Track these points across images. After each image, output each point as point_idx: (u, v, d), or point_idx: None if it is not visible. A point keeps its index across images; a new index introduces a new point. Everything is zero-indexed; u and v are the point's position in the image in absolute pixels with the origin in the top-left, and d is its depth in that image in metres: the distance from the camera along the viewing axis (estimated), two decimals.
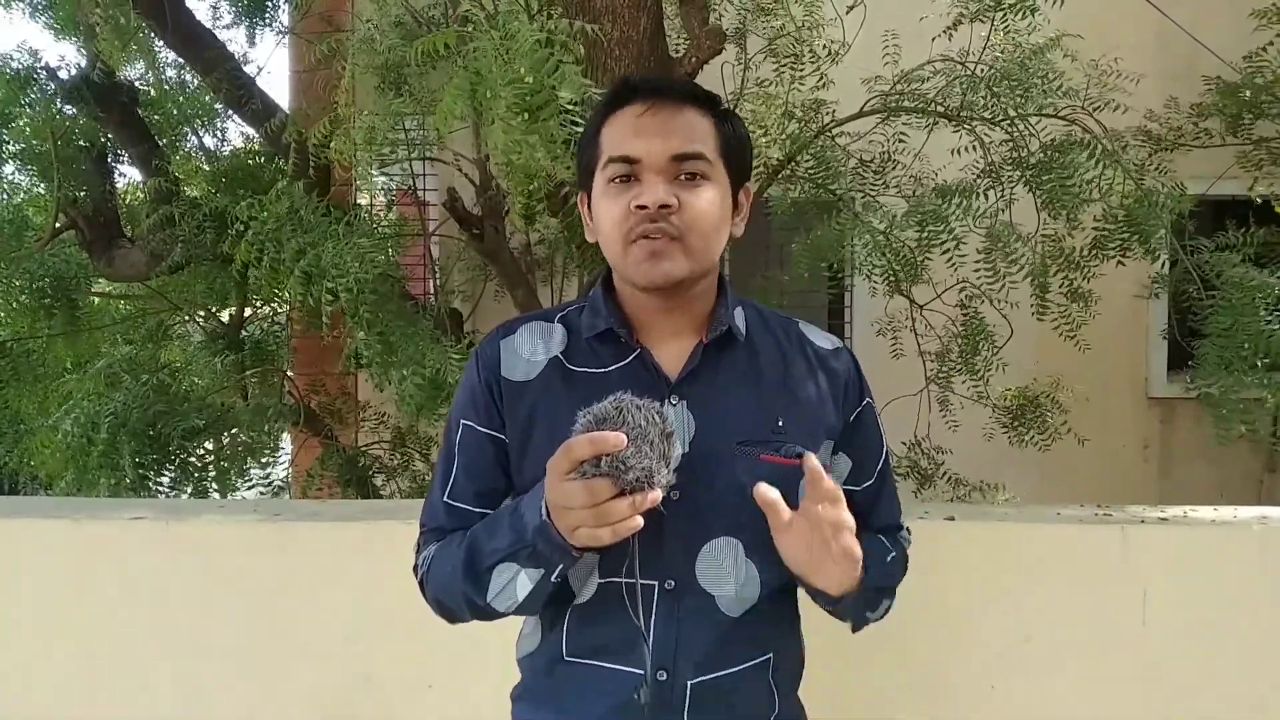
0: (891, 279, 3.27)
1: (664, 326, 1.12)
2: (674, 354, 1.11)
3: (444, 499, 1.13)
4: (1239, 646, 1.99)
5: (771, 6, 3.40)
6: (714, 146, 1.08)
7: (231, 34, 4.64)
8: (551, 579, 0.98)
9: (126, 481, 3.29)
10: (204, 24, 4.26)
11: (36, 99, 4.21)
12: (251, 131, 4.56)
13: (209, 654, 2.05)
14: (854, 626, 1.15)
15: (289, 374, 4.67)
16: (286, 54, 5.10)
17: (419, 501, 1.18)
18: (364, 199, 3.98)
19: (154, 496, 3.43)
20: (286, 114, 3.92)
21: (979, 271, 3.12)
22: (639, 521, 0.89)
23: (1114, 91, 3.16)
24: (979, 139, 3.19)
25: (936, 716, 2.01)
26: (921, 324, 3.58)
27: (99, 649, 2.06)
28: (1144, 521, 2.05)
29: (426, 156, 3.78)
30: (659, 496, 0.89)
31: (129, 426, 3.32)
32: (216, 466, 3.80)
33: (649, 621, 1.05)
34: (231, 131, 5.45)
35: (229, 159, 4.70)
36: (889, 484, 1.22)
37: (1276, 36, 3.72)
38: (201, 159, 4.87)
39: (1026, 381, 3.79)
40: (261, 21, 4.48)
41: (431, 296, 3.96)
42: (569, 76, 1.92)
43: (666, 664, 1.05)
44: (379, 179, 3.78)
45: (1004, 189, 3.20)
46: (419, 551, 1.15)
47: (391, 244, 3.60)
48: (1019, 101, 3.05)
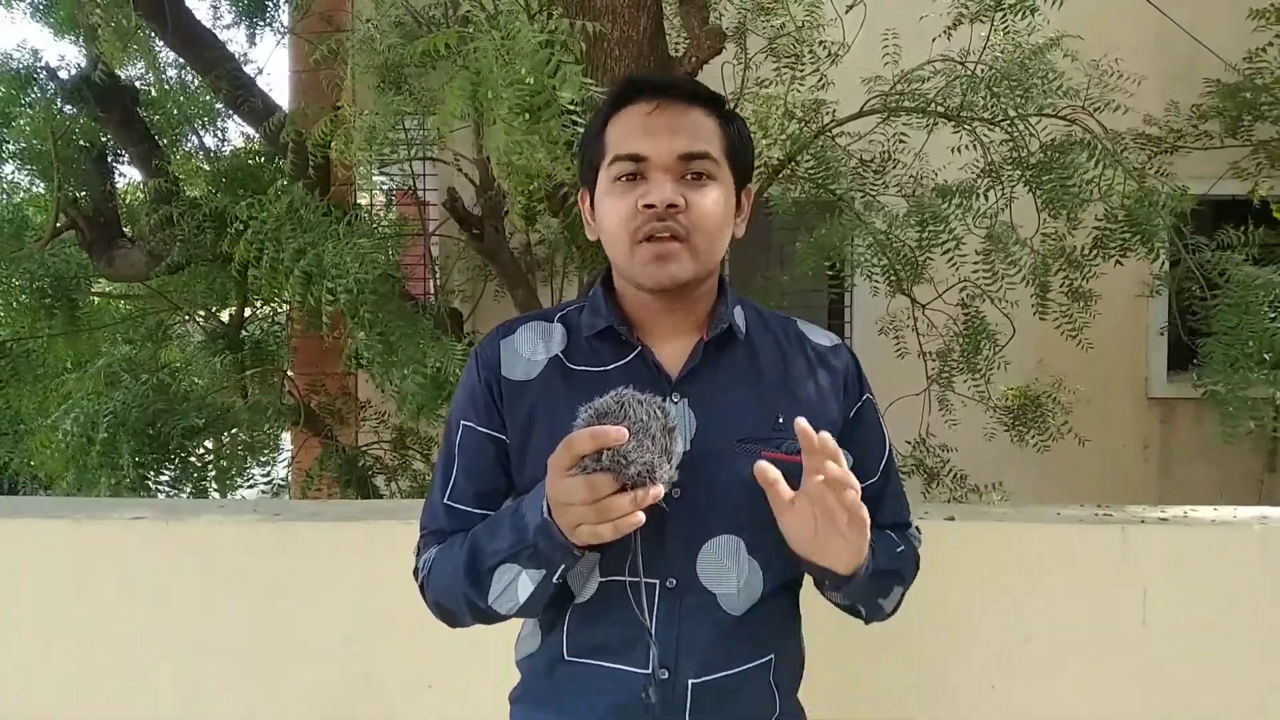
0: (892, 279, 3.27)
1: (664, 325, 1.12)
2: (675, 352, 1.11)
3: (444, 501, 1.12)
4: (1239, 646, 1.99)
5: (771, 6, 3.40)
6: (719, 147, 1.08)
7: (231, 34, 4.65)
8: (553, 580, 0.98)
9: (126, 481, 3.29)
10: (204, 24, 4.26)
11: (37, 99, 4.21)
12: (251, 131, 4.56)
13: (209, 654, 2.05)
14: (867, 618, 1.12)
15: (289, 374, 4.67)
16: (286, 54, 5.10)
17: (419, 501, 1.17)
18: (364, 199, 3.98)
19: (154, 496, 3.43)
20: (286, 113, 3.91)
21: (978, 272, 3.12)
22: (641, 517, 0.88)
23: (1114, 92, 3.17)
24: (979, 139, 3.19)
25: (936, 716, 2.01)
26: (923, 324, 3.58)
27: (99, 649, 2.06)
28: (1144, 521, 2.05)
29: (427, 156, 3.78)
30: (661, 492, 0.88)
31: (128, 426, 3.32)
32: (216, 466, 3.80)
33: (651, 620, 1.04)
34: (231, 131, 5.46)
35: (229, 159, 4.70)
36: (894, 481, 1.21)
37: (1276, 38, 3.72)
38: (202, 159, 4.87)
39: (1027, 381, 3.80)
40: (261, 21, 4.49)
41: (431, 296, 3.96)
42: (570, 77, 1.92)
43: (669, 663, 1.05)
44: (379, 179, 3.78)
45: (1004, 189, 3.20)
46: (419, 555, 1.14)
47: (391, 244, 3.60)
48: (1019, 102, 3.06)
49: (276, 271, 2.83)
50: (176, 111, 4.68)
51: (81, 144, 4.25)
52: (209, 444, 3.83)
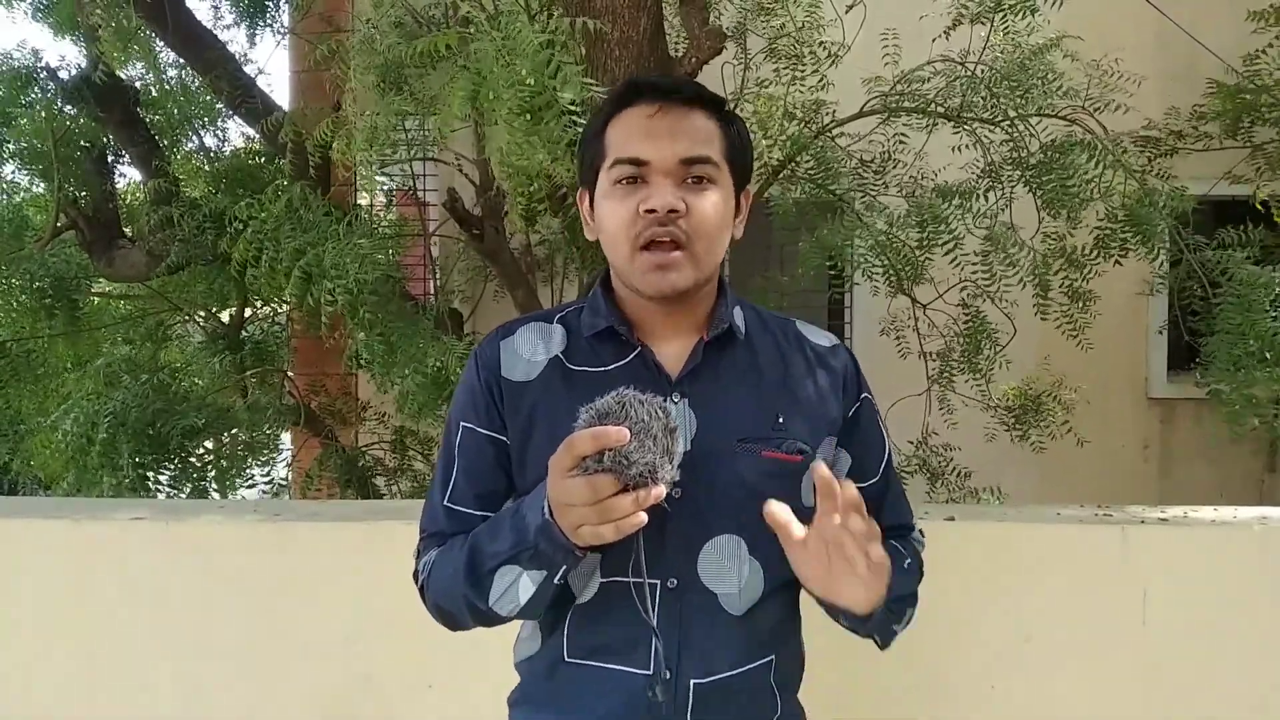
0: (893, 279, 3.27)
1: (664, 326, 1.12)
2: (674, 352, 1.11)
3: (444, 503, 1.11)
4: (1239, 646, 1.99)
5: (771, 6, 3.40)
6: (720, 149, 1.08)
7: (232, 34, 4.65)
8: (554, 580, 0.98)
9: (126, 481, 3.29)
10: (204, 24, 4.26)
11: (37, 99, 4.21)
12: (252, 132, 4.56)
13: (209, 654, 2.05)
14: (882, 644, 1.10)
15: (289, 374, 4.67)
16: (286, 54, 5.10)
17: (419, 502, 1.17)
18: (364, 199, 3.98)
19: (154, 496, 3.43)
20: (285, 113, 3.92)
21: (977, 272, 3.13)
22: (643, 518, 0.88)
23: (1114, 92, 3.17)
24: (979, 139, 3.19)
25: (936, 716, 2.01)
26: (924, 324, 3.58)
27: (99, 649, 2.06)
28: (1144, 521, 2.05)
29: (427, 157, 3.78)
30: (663, 492, 0.88)
31: (128, 426, 3.32)
32: (216, 466, 3.80)
33: (652, 621, 1.04)
34: (232, 132, 5.45)
35: (229, 159, 4.70)
36: (894, 482, 1.21)
37: (1276, 39, 3.72)
38: (202, 159, 4.87)
39: (1028, 381, 3.80)
40: (262, 22, 4.48)
41: (431, 296, 3.96)
42: (570, 78, 1.92)
43: (671, 663, 1.05)
44: (379, 179, 3.78)
45: (1004, 189, 3.20)
46: (419, 558, 1.13)
47: (391, 244, 3.60)
48: (1019, 102, 3.06)
49: (275, 271, 2.83)
50: (177, 112, 4.68)
51: (81, 144, 4.25)
52: (209, 444, 3.83)
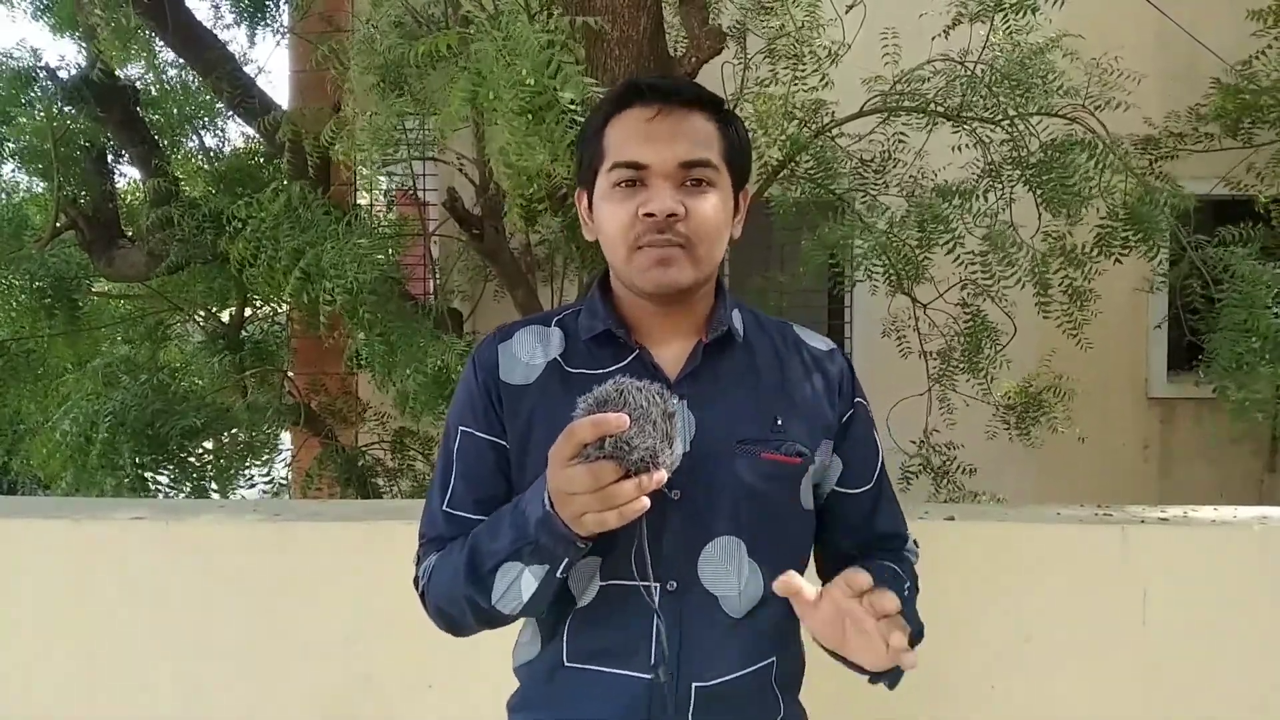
0: (893, 279, 3.27)
1: (662, 328, 1.11)
2: (673, 355, 1.11)
3: (443, 508, 1.11)
4: (1239, 646, 1.99)
5: (771, 6, 3.40)
6: (719, 151, 1.07)
7: (232, 34, 4.64)
8: (557, 574, 0.97)
9: (126, 481, 3.29)
10: (204, 24, 4.26)
11: (37, 98, 4.21)
12: (252, 132, 4.56)
13: (209, 654, 2.05)
14: (891, 685, 1.10)
15: (289, 374, 4.67)
16: (286, 54, 5.10)
17: (419, 502, 1.17)
18: (364, 199, 3.98)
19: (153, 496, 3.43)
20: (283, 112, 3.91)
21: (975, 272, 3.12)
22: (645, 503, 0.88)
23: (1114, 90, 3.17)
24: (979, 139, 3.19)
25: (936, 716, 2.01)
26: (925, 323, 3.58)
27: (99, 649, 2.06)
28: (1144, 521, 2.05)
29: (427, 156, 3.77)
30: (664, 477, 0.88)
31: (128, 426, 3.32)
32: (216, 466, 3.80)
33: (653, 623, 1.04)
34: (232, 131, 5.45)
35: (229, 159, 4.70)
36: (888, 489, 1.21)
37: (1275, 39, 3.73)
38: (202, 159, 4.87)
39: (1028, 380, 3.80)
40: (261, 22, 4.48)
41: (431, 296, 3.96)
42: (571, 77, 1.92)
43: (671, 667, 1.04)
44: (379, 179, 3.78)
45: (1004, 188, 3.20)
46: (419, 563, 1.13)
47: (391, 244, 3.59)
48: (1019, 101, 3.06)
49: (274, 271, 2.83)
50: (176, 111, 4.68)
51: (81, 144, 4.25)
52: (209, 444, 3.83)
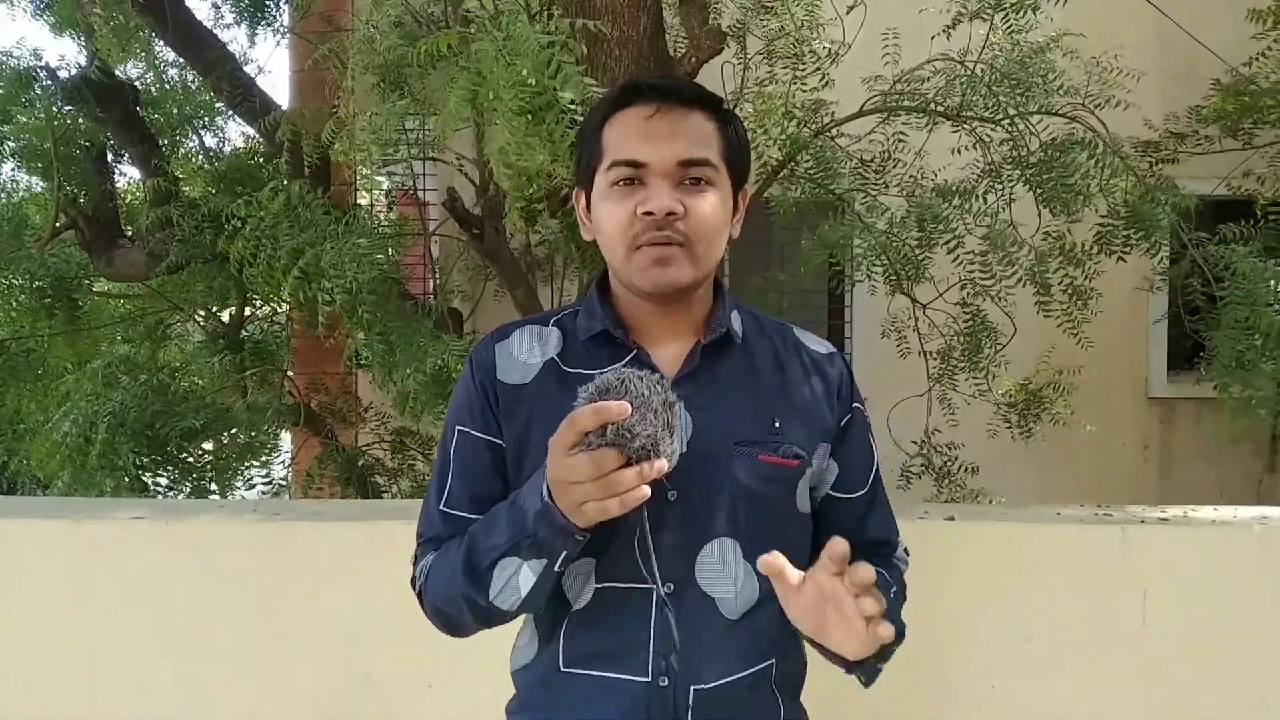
0: (893, 279, 3.27)
1: (660, 328, 1.11)
2: (671, 355, 1.10)
3: (440, 508, 1.11)
4: (1239, 646, 1.99)
5: (771, 5, 3.40)
6: (718, 150, 1.07)
7: (232, 34, 4.65)
8: (555, 569, 0.97)
9: (126, 481, 3.29)
10: (204, 24, 4.26)
11: (37, 98, 4.21)
12: (252, 132, 4.57)
13: (209, 654, 2.05)
14: (866, 682, 1.09)
15: (289, 374, 4.67)
16: (286, 54, 5.10)
17: (419, 501, 1.16)
18: (364, 199, 3.98)
19: (153, 496, 3.43)
20: (282, 112, 3.91)
21: (975, 271, 3.12)
22: (646, 491, 0.87)
23: (1114, 89, 3.17)
24: (979, 139, 3.19)
25: (936, 716, 2.01)
26: (925, 323, 3.58)
27: (99, 649, 2.06)
28: (1144, 521, 2.04)
29: (427, 156, 3.77)
30: (665, 466, 0.88)
31: (127, 426, 3.32)
32: (216, 466, 3.80)
33: (650, 626, 1.04)
34: (232, 131, 5.46)
35: (229, 159, 4.70)
36: (882, 495, 1.21)
37: (1275, 41, 3.73)
38: (202, 159, 4.87)
39: (1028, 379, 3.80)
40: (262, 21, 4.48)
41: (431, 296, 3.96)
42: (571, 77, 1.92)
43: (669, 670, 1.04)
44: (379, 179, 3.78)
45: (1004, 188, 3.20)
46: (416, 563, 1.13)
47: (391, 244, 3.59)
48: (1019, 101, 3.05)
49: (274, 270, 2.83)
50: (176, 111, 4.68)
51: (81, 143, 4.25)
52: (208, 444, 3.83)
